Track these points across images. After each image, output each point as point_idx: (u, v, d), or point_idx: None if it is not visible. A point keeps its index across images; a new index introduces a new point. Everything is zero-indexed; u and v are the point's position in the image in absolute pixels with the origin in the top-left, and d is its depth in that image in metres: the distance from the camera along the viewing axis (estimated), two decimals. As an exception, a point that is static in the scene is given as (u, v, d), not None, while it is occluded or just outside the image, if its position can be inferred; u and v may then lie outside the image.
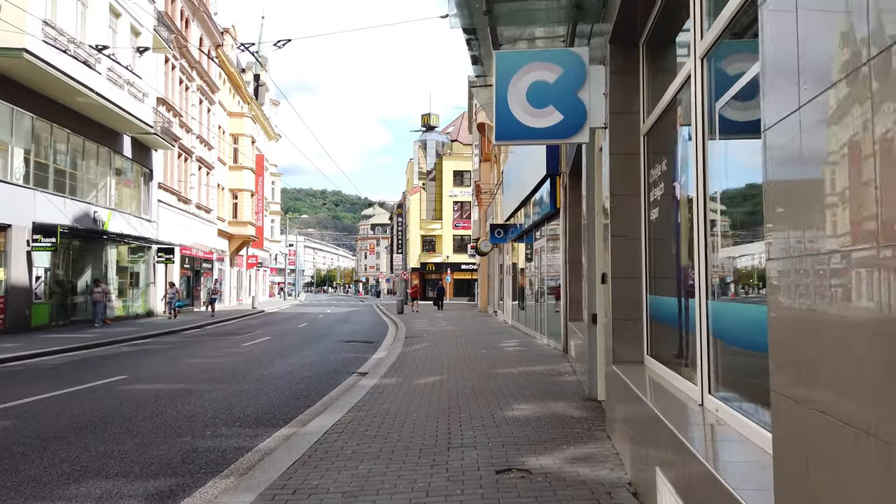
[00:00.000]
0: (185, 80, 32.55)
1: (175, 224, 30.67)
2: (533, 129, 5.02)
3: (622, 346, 4.79)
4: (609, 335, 4.90)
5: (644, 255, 4.71)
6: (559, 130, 5.01)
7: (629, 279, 4.78)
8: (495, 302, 30.02)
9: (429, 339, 15.93)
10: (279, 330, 21.33)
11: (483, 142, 34.07)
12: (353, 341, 16.94)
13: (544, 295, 14.40)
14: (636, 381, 4.12)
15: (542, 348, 13.34)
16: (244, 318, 28.78)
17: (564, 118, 5.00)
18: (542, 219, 14.30)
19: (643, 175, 4.74)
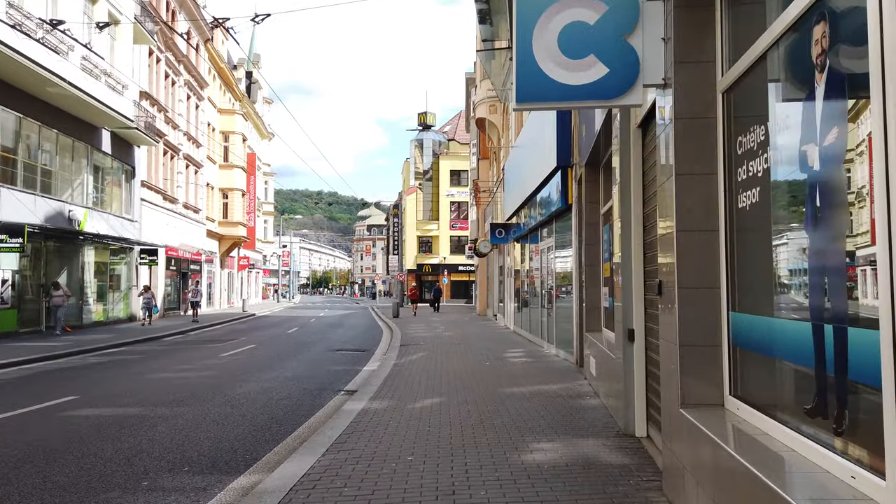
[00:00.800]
0: (171, 74, 31.21)
1: (160, 224, 29.31)
2: (567, 86, 3.72)
3: (693, 382, 3.49)
4: (675, 367, 3.60)
5: (724, 258, 3.42)
6: (603, 88, 3.70)
7: (702, 290, 3.48)
8: (495, 305, 28.72)
9: (425, 348, 14.64)
10: (266, 336, 20.00)
11: (482, 139, 32.80)
12: (344, 350, 15.62)
13: (552, 300, 13.11)
14: (738, 443, 2.82)
15: (552, 360, 12.04)
16: (231, 323, 27.42)
17: (610, 72, 3.69)
18: (550, 217, 13.01)
19: (722, 146, 3.45)
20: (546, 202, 12.94)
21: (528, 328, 17.26)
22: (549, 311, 13.54)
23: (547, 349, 13.74)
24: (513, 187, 18.59)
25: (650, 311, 5.36)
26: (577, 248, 10.62)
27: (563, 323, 12.31)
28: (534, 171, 13.86)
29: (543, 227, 14.42)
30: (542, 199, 13.43)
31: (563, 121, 10.91)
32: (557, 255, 12.81)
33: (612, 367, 6.51)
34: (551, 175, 11.87)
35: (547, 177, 12.20)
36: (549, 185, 12.49)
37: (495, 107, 26.21)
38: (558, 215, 12.46)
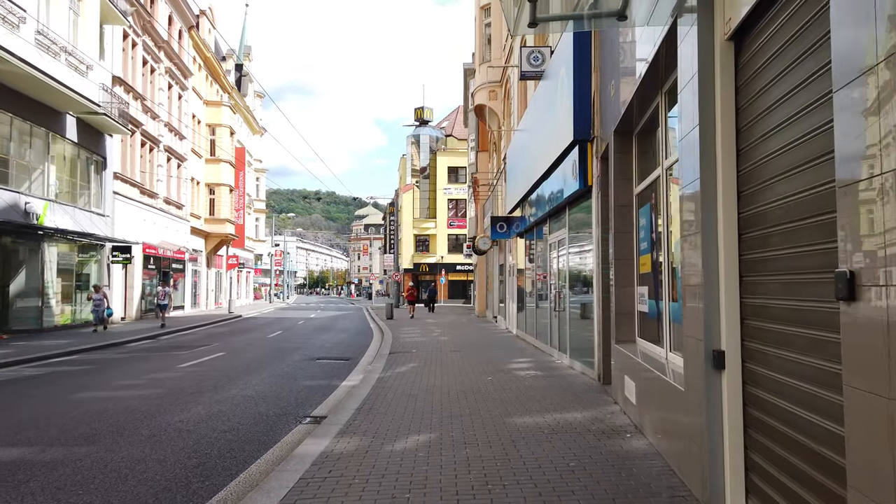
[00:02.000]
0: (150, 60, 29.26)
1: (137, 220, 27.36)
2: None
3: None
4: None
5: None
6: None
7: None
8: (494, 306, 26.82)
9: (418, 356, 12.73)
10: (243, 341, 18.07)
11: (481, 129, 30.89)
12: (325, 358, 13.71)
13: (565, 302, 11.19)
14: None
15: (566, 374, 10.12)
16: (211, 326, 25.46)
17: None
18: (562, 204, 11.09)
19: None
20: (557, 187, 11.03)
21: (533, 333, 15.36)
22: (561, 314, 11.63)
23: (558, 359, 11.83)
24: (516, 176, 16.68)
25: (751, 324, 3.45)
26: (598, 240, 8.71)
27: (580, 329, 10.40)
28: (542, 153, 11.96)
29: (553, 217, 12.51)
30: (552, 184, 11.51)
31: (581, 86, 8.99)
32: (571, 249, 10.89)
33: (674, 402, 4.60)
34: (565, 153, 9.95)
35: (559, 156, 10.28)
36: (561, 167, 10.57)
37: (495, 92, 24.31)
38: (573, 202, 10.55)
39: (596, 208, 8.89)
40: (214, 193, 40.01)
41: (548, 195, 12.10)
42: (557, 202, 11.08)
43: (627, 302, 7.21)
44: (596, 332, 8.91)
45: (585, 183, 9.12)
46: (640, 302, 6.84)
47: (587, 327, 9.72)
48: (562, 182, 10.55)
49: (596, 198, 8.89)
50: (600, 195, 8.66)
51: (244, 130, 51.67)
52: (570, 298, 10.88)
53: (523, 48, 12.78)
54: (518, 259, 18.38)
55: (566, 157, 10.00)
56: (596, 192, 8.88)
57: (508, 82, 21.96)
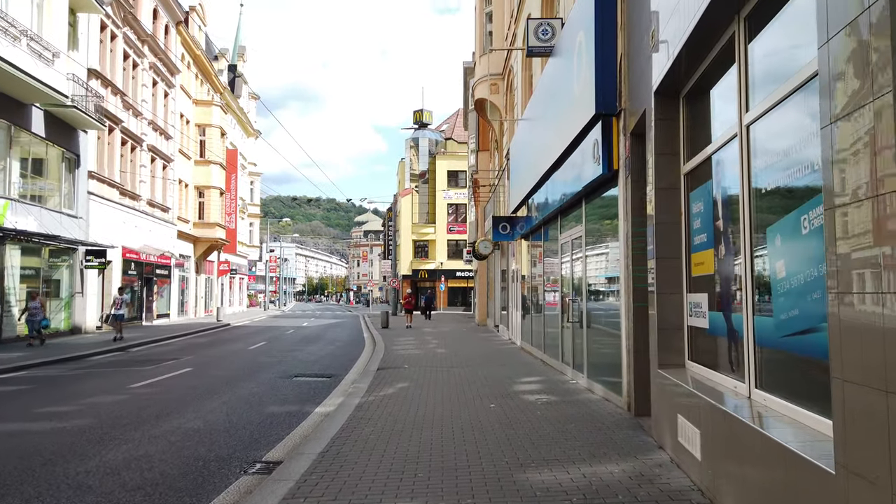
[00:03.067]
0: (132, 54, 27.67)
1: (116, 222, 25.68)
2: None
3: None
4: None
5: None
6: None
7: None
8: (496, 315, 25.11)
9: (409, 374, 11.02)
10: (218, 354, 16.35)
11: (481, 127, 29.28)
12: (304, 375, 12.00)
13: (582, 313, 9.48)
14: None
15: (585, 398, 8.41)
16: (192, 336, 23.73)
17: None
18: (577, 197, 9.41)
19: None
20: (571, 177, 9.35)
21: (540, 346, 13.64)
22: (576, 326, 9.92)
23: (572, 378, 10.11)
24: (520, 171, 15.01)
25: None
26: (626, 236, 7.03)
27: (601, 345, 8.69)
28: (551, 140, 10.29)
29: (566, 213, 10.81)
30: (565, 173, 9.83)
31: (605, 49, 7.32)
32: (589, 249, 9.20)
33: (801, 485, 2.89)
34: (583, 133, 8.27)
35: (575, 138, 8.61)
36: (577, 152, 8.89)
37: (497, 86, 22.68)
38: (592, 192, 8.86)
39: (624, 197, 7.21)
40: (204, 196, 38.35)
41: (559, 187, 10.41)
42: (572, 195, 9.40)
43: (673, 314, 5.52)
44: (624, 349, 7.21)
45: (610, 166, 7.44)
46: (695, 314, 5.15)
47: (611, 343, 8.01)
48: (577, 169, 8.87)
49: (624, 184, 7.21)
50: (630, 180, 6.98)
51: (237, 132, 50.10)
52: (589, 307, 9.18)
53: (530, 20, 11.13)
54: (522, 264, 16.68)
55: (584, 137, 8.31)
56: (624, 177, 7.20)
57: (511, 73, 20.34)
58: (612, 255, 8.07)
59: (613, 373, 7.90)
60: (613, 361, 7.88)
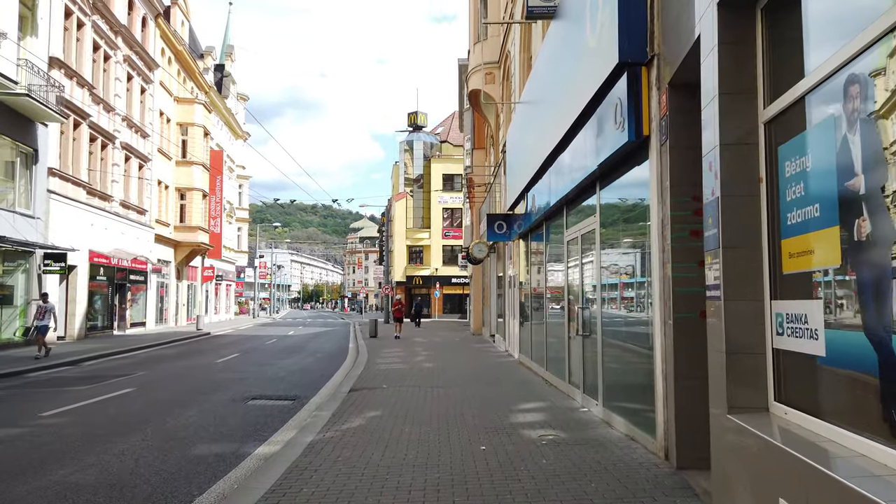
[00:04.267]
0: (103, 45, 25.85)
1: (82, 224, 23.79)
2: None
3: None
4: None
5: None
6: None
7: None
8: (492, 324, 23.26)
9: (386, 398, 9.16)
10: (176, 370, 14.45)
11: (476, 124, 27.52)
12: (263, 397, 10.14)
13: (596, 324, 7.62)
14: None
15: (604, 435, 6.55)
16: (162, 347, 21.79)
17: None
18: (591, 179, 7.58)
19: None
20: (583, 155, 7.53)
21: (541, 361, 11.78)
22: (587, 341, 8.07)
23: (583, 405, 8.25)
24: (518, 163, 13.22)
25: None
26: (661, 222, 5.22)
27: (622, 365, 6.85)
28: (556, 115, 8.49)
29: (574, 204, 8.98)
30: (574, 153, 8.01)
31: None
32: (605, 245, 7.36)
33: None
34: (601, 94, 6.46)
35: (590, 103, 6.79)
36: (590, 122, 7.07)
37: (493, 75, 20.93)
38: (609, 171, 7.02)
39: (658, 171, 5.39)
40: (186, 199, 36.45)
41: (565, 173, 8.59)
42: (582, 178, 7.57)
43: (748, 331, 3.69)
44: (659, 374, 5.37)
45: (638, 131, 5.62)
46: (792, 332, 3.32)
47: (637, 363, 6.19)
48: (591, 144, 7.05)
49: (658, 153, 5.39)
50: (668, 146, 5.16)
51: (224, 133, 48.33)
52: (606, 317, 7.33)
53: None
54: (520, 267, 14.84)
55: (602, 99, 6.49)
56: (658, 144, 5.39)
57: (508, 59, 18.58)
58: (639, 251, 6.24)
59: (640, 402, 6.06)
60: (640, 388, 6.04)
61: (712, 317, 3.94)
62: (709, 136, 3.98)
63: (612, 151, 6.15)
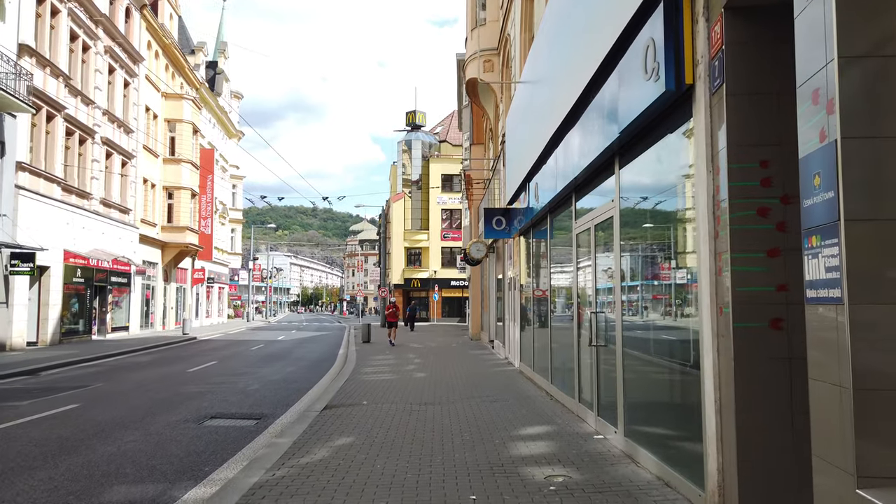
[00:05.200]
0: (81, 34, 24.51)
1: (56, 222, 22.42)
2: None
3: None
4: None
5: None
6: None
7: None
8: (491, 328, 21.85)
9: (363, 418, 7.76)
10: (137, 381, 13.03)
11: (475, 117, 26.13)
12: (222, 417, 8.74)
13: (613, 333, 6.21)
14: None
15: (626, 475, 5.14)
16: (139, 353, 20.37)
17: None
18: (609, 153, 6.19)
19: None
20: (598, 125, 6.12)
21: (545, 372, 10.37)
22: (605, 352, 6.66)
23: (597, 430, 6.84)
24: (518, 149, 11.84)
25: None
26: (712, 198, 3.83)
27: (652, 387, 5.44)
28: (565, 80, 7.11)
29: (585, 188, 7.58)
30: (587, 124, 6.61)
31: None
32: (627, 235, 5.96)
33: None
34: (626, 39, 5.06)
35: (610, 52, 5.40)
36: (610, 80, 5.67)
37: (491, 62, 19.56)
38: (632, 141, 5.61)
39: (706, 129, 4.00)
40: (173, 198, 35.08)
41: (576, 151, 7.20)
42: (597, 154, 6.18)
43: (892, 355, 2.28)
44: (711, 404, 3.96)
45: (679, 78, 4.22)
46: None
47: (675, 384, 4.79)
48: (610, 109, 5.66)
49: (706, 106, 4.00)
50: (725, 93, 3.76)
51: (217, 132, 47.02)
52: (627, 324, 5.93)
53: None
54: (521, 267, 13.43)
55: (626, 48, 5.10)
56: (706, 94, 3.99)
57: (508, 43, 17.22)
58: (673, 240, 4.85)
59: (678, 434, 4.66)
60: (678, 415, 4.65)
61: (821, 329, 2.54)
62: (811, 51, 2.58)
63: (642, 110, 4.74)
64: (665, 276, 5.08)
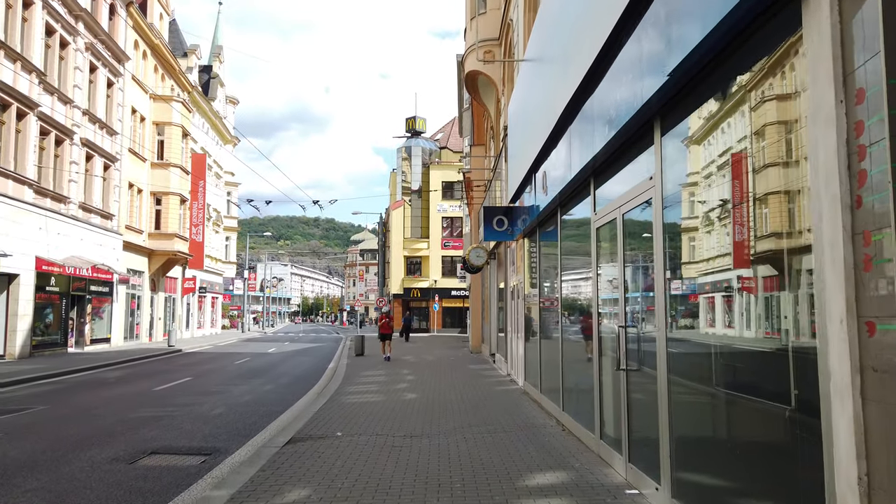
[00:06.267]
0: (59, 29, 23.16)
1: (27, 227, 20.94)
2: None
3: None
4: None
5: None
6: None
7: None
8: (492, 340, 20.25)
9: (331, 457, 6.19)
10: (98, 400, 11.46)
11: (475, 117, 24.67)
12: (164, 452, 7.18)
13: (652, 353, 4.63)
14: None
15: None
16: (107, 369, 18.75)
17: None
18: (652, 112, 4.65)
19: None
20: (637, 67, 4.59)
21: (555, 396, 8.76)
22: (636, 377, 5.08)
23: (631, 483, 5.25)
24: (523, 137, 10.32)
25: None
26: (841, 146, 2.15)
27: (719, 435, 3.85)
28: (586, 27, 5.60)
29: (610, 169, 6.02)
30: (617, 76, 5.08)
31: None
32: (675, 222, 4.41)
33: None
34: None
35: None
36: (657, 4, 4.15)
37: (492, 53, 18.10)
38: (684, 95, 4.06)
39: (832, 33, 2.44)
40: (162, 204, 33.62)
41: (596, 122, 5.65)
42: (628, 119, 4.64)
43: None
44: (848, 485, 2.38)
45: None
46: None
47: (765, 439, 3.21)
48: (652, 49, 4.12)
49: (831, 3, 2.44)
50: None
51: (211, 137, 45.64)
52: (675, 339, 4.35)
53: None
54: (525, 273, 11.85)
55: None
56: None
57: (510, 30, 15.77)
58: (755, 218, 3.29)
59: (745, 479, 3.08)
60: (767, 487, 3.07)
61: None
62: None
63: (719, 21, 3.18)
64: (744, 277, 3.51)
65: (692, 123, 4.06)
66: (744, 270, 3.46)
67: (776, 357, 3.14)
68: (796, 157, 2.90)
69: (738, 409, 3.53)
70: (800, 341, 2.88)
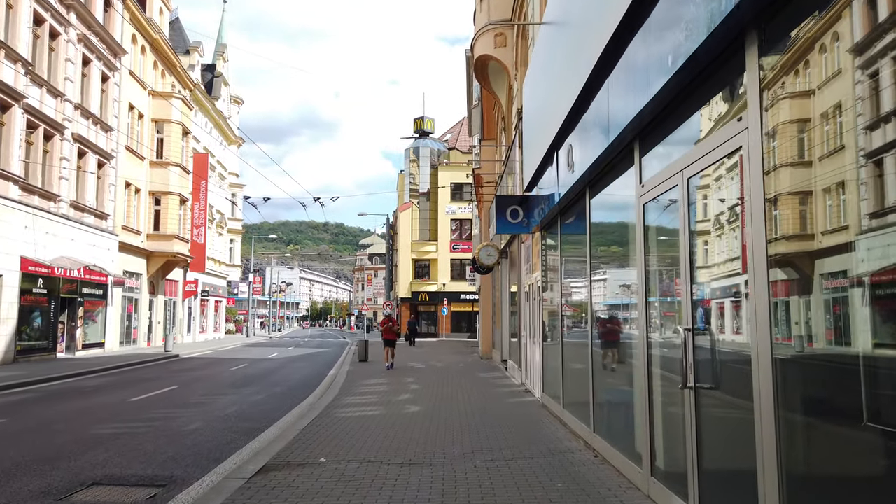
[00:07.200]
0: (48, 18, 22.07)
1: (12, 226, 19.79)
2: None
3: None
4: None
5: None
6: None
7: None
8: (504, 346, 18.85)
9: (305, 494, 4.84)
10: (63, 413, 10.17)
11: (485, 110, 23.33)
12: (108, 483, 5.86)
13: (744, 367, 3.25)
14: None
15: None
16: (90, 376, 17.48)
17: None
18: (744, 21, 3.28)
19: None
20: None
21: (583, 414, 7.35)
22: (710, 401, 3.70)
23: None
24: (543, 108, 8.97)
25: None
26: None
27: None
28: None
29: (668, 121, 4.64)
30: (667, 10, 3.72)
31: None
32: (780, 182, 3.04)
33: None
34: None
35: None
36: None
37: (504, 36, 16.76)
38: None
39: None
40: (161, 204, 32.49)
41: (649, 68, 4.30)
42: (714, 25, 3.27)
43: None
44: None
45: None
46: None
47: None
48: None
49: None
50: None
51: (214, 137, 44.61)
52: (790, 354, 2.96)
53: None
54: (542, 271, 10.44)
55: None
56: None
57: (524, 5, 14.43)
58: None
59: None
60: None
61: None
62: None
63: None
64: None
65: (801, 34, 2.69)
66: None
67: None
68: None
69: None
70: None
